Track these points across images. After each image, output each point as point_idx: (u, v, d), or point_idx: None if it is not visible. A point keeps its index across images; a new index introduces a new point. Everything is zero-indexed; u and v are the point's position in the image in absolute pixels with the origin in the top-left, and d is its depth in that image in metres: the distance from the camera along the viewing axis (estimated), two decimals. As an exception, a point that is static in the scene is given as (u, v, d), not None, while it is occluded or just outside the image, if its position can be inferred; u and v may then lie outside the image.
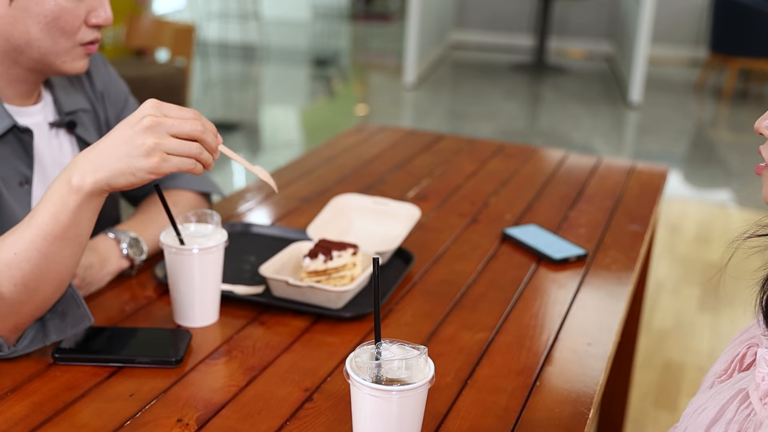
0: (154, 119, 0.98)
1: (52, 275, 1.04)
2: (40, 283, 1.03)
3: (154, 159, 0.98)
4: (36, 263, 1.01)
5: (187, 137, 1.00)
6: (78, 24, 1.19)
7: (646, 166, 2.10)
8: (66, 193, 1.00)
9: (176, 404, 1.00)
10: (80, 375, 1.05)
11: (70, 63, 1.21)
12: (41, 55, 1.18)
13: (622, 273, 1.45)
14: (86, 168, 0.99)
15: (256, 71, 7.63)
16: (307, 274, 1.26)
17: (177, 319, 1.19)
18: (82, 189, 0.99)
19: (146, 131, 0.98)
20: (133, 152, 0.98)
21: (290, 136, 5.74)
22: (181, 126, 0.99)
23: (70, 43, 1.19)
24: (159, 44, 4.60)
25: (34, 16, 1.14)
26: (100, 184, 0.99)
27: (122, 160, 0.98)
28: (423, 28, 6.90)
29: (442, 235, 1.59)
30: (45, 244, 1.01)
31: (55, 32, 1.17)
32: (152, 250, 1.34)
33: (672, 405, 2.56)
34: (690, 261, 3.64)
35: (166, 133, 0.99)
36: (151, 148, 0.97)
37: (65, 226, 1.01)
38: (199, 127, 1.01)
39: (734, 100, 6.79)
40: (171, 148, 0.99)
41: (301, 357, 1.12)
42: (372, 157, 2.07)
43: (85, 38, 1.21)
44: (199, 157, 1.01)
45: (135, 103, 1.47)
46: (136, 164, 0.98)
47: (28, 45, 1.16)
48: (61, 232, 1.01)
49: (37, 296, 1.04)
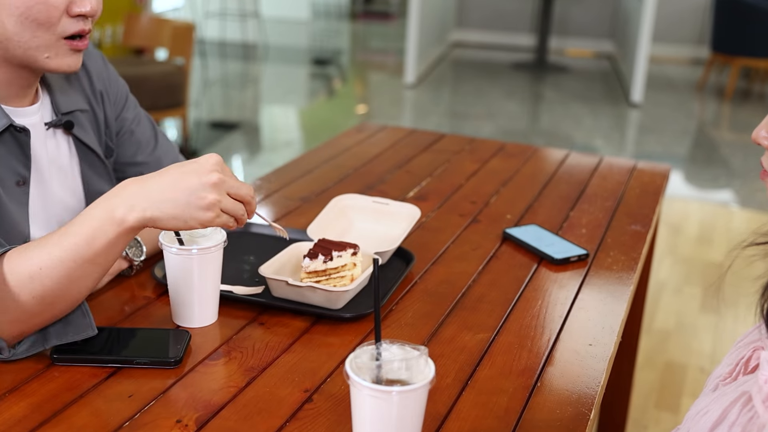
0: (221, 177, 1.03)
1: (71, 295, 1.05)
2: (57, 299, 1.04)
3: (211, 214, 1.03)
4: (58, 281, 1.02)
5: (240, 199, 1.06)
6: (56, 15, 1.13)
7: (647, 165, 2.10)
8: (107, 222, 1.01)
9: (175, 405, 1.00)
10: (79, 375, 1.05)
11: (54, 59, 1.16)
12: (23, 51, 1.14)
13: (624, 273, 1.45)
14: (135, 203, 1.02)
15: (256, 70, 7.63)
16: (306, 274, 1.26)
17: (176, 319, 1.20)
18: (125, 223, 1.02)
19: (213, 187, 1.03)
20: (195, 203, 1.02)
21: (290, 135, 5.74)
22: (240, 188, 1.06)
23: (50, 36, 1.14)
24: (158, 43, 4.61)
25: (6, 8, 1.11)
26: (146, 222, 1.02)
27: (179, 207, 1.02)
28: (423, 26, 6.90)
29: (443, 235, 1.59)
30: (73, 266, 1.02)
31: (30, 24, 1.12)
32: (151, 251, 1.34)
33: (673, 406, 2.56)
34: (692, 261, 3.64)
35: (226, 192, 1.04)
36: (212, 203, 1.02)
37: (98, 252, 1.02)
38: (251, 192, 1.07)
39: (736, 100, 6.79)
40: (226, 207, 1.04)
41: (300, 358, 1.13)
42: (372, 157, 2.07)
43: (68, 30, 1.15)
44: (241, 219, 1.07)
45: (135, 102, 1.46)
46: (193, 214, 1.02)
47: (8, 40, 1.13)
48: (93, 257, 1.03)
49: (51, 311, 1.05)
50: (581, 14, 8.53)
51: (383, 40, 9.54)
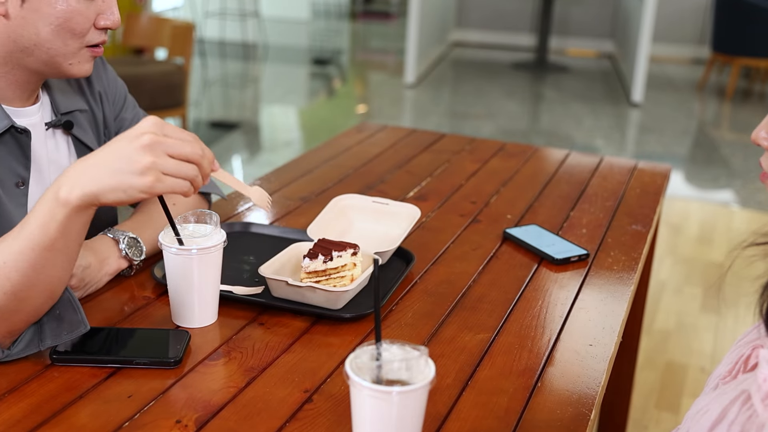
0: (154, 137, 0.97)
1: (42, 285, 1.03)
2: (29, 292, 1.03)
3: (149, 178, 0.96)
4: (24, 273, 1.01)
5: (185, 159, 0.99)
6: (88, 26, 1.18)
7: (648, 165, 2.09)
8: (54, 205, 0.99)
9: (175, 405, 1.00)
10: (78, 376, 1.05)
11: (76, 66, 1.21)
12: (49, 57, 1.18)
13: (624, 273, 1.45)
14: (76, 181, 0.98)
15: (256, 70, 7.63)
16: (306, 274, 1.26)
17: (176, 319, 1.19)
18: (69, 202, 0.98)
19: (144, 149, 0.96)
20: (128, 169, 0.96)
21: (290, 135, 5.74)
22: (182, 147, 0.99)
23: (78, 45, 1.19)
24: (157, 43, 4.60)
25: (45, 17, 1.14)
26: (88, 198, 0.98)
27: (115, 176, 0.97)
28: (424, 26, 6.90)
29: (443, 235, 1.59)
30: (33, 255, 1.00)
31: (65, 34, 1.16)
32: (151, 251, 1.34)
33: (674, 406, 2.56)
34: (692, 261, 3.64)
35: (164, 153, 0.97)
36: (146, 167, 0.96)
37: (53, 237, 1.00)
38: (198, 150, 1.00)
39: (737, 100, 6.80)
40: (167, 169, 0.97)
41: (300, 358, 1.12)
42: (372, 157, 2.07)
43: (93, 40, 1.21)
44: (194, 180, 1.00)
45: (134, 102, 1.47)
46: (129, 182, 0.96)
47: (37, 47, 1.16)
48: (50, 243, 1.00)
49: (27, 305, 1.04)
50: (581, 14, 8.54)
51: (383, 39, 9.54)
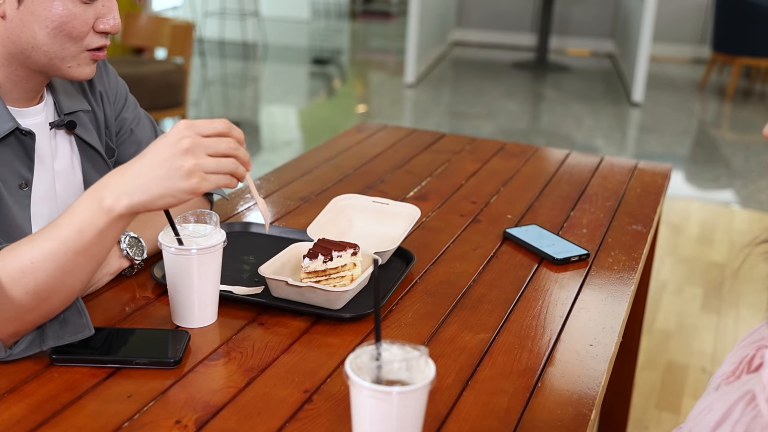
0: (191, 140, 1.01)
1: (66, 288, 1.05)
2: (51, 294, 1.04)
3: (195, 180, 1.01)
4: (51, 275, 1.02)
5: (223, 155, 1.03)
6: (86, 30, 1.18)
7: (648, 165, 2.10)
8: (96, 212, 1.01)
9: (175, 405, 1.00)
10: (78, 376, 1.05)
11: (76, 68, 1.21)
12: (48, 59, 1.18)
13: (625, 273, 1.45)
14: (121, 190, 1.01)
15: (255, 69, 7.63)
16: (306, 274, 1.26)
17: (175, 319, 1.20)
18: (114, 210, 1.01)
19: (185, 153, 1.00)
20: (173, 174, 1.00)
21: (289, 135, 5.74)
22: (218, 145, 1.03)
23: (77, 49, 1.19)
24: (157, 42, 4.60)
25: (41, 20, 1.14)
26: (135, 207, 1.01)
27: (161, 183, 1.00)
28: (424, 26, 6.91)
29: (443, 235, 1.59)
30: (65, 258, 1.02)
31: (62, 37, 1.16)
32: (153, 250, 1.34)
33: (675, 406, 2.56)
34: (693, 261, 3.64)
35: (204, 153, 1.02)
36: (190, 170, 1.00)
37: (89, 243, 1.02)
38: (233, 144, 1.05)
39: (737, 99, 6.80)
40: (209, 167, 1.02)
41: (300, 358, 1.13)
42: (372, 157, 2.07)
43: (93, 44, 1.20)
44: (235, 172, 1.04)
45: (135, 102, 1.47)
46: (177, 186, 1.00)
47: (35, 49, 1.16)
48: (84, 248, 1.02)
49: (46, 306, 1.05)
50: (582, 13, 8.54)
51: (383, 39, 9.54)
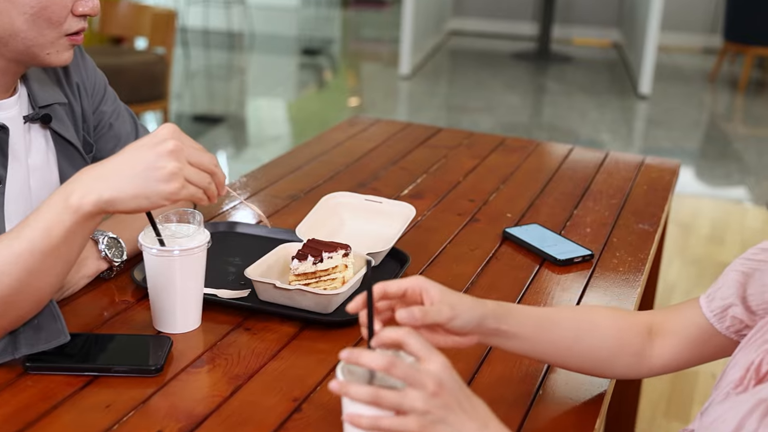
0: (177, 143, 1.01)
1: (33, 291, 1.04)
2: (18, 298, 1.03)
3: (175, 185, 1.00)
4: (17, 278, 1.02)
5: (203, 168, 1.04)
6: (65, 14, 1.18)
7: (656, 161, 2.10)
8: (63, 210, 1.00)
9: (156, 415, 1.00)
10: (53, 385, 1.05)
11: (55, 55, 1.21)
12: (26, 47, 1.18)
13: (631, 275, 1.46)
14: (91, 186, 1.00)
15: (241, 60, 7.63)
16: (295, 276, 1.26)
17: (157, 324, 1.20)
18: (81, 208, 1.00)
19: (170, 155, 1.00)
20: (153, 176, 1.00)
21: (278, 130, 5.74)
22: (200, 156, 1.03)
23: (56, 34, 1.19)
24: (137, 31, 4.60)
25: (19, 6, 1.14)
26: (103, 205, 1.00)
27: (137, 183, 1.00)
28: (419, 14, 6.91)
29: (439, 235, 1.59)
30: (31, 260, 1.01)
31: (41, 23, 1.16)
32: (132, 251, 1.34)
33: (684, 415, 2.57)
34: (703, 262, 3.65)
35: (186, 161, 1.02)
36: (173, 173, 1.00)
37: (56, 244, 1.01)
38: (215, 160, 1.05)
39: (750, 91, 6.82)
40: (190, 177, 1.02)
41: (288, 365, 1.13)
42: (365, 152, 2.08)
43: (71, 28, 1.21)
44: (208, 189, 1.05)
45: (114, 94, 1.47)
46: (154, 188, 1.00)
47: (12, 36, 1.16)
48: (51, 249, 1.02)
49: (13, 312, 1.04)
50: (586, 1, 8.55)
51: (377, 28, 9.54)
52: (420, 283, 0.94)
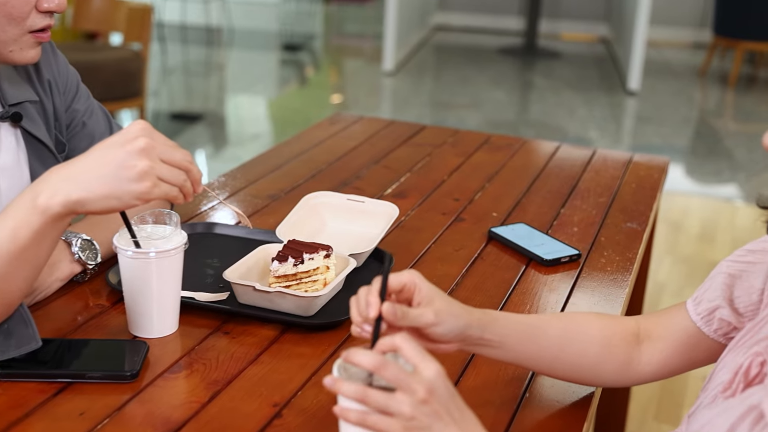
0: (148, 141, 1.00)
1: (1, 296, 1.03)
2: None
3: (146, 184, 0.99)
4: None
5: (177, 166, 1.02)
6: (27, 9, 1.17)
7: (645, 158, 2.11)
8: (30, 211, 0.99)
9: (132, 423, 1.00)
10: (25, 392, 1.04)
11: (19, 52, 1.20)
12: None
13: (619, 275, 1.46)
14: (59, 187, 0.99)
15: (220, 56, 7.61)
16: (275, 278, 1.26)
17: (132, 329, 1.19)
18: (49, 209, 0.99)
19: (141, 153, 0.99)
20: (123, 175, 0.98)
21: (258, 128, 5.73)
22: (173, 153, 1.02)
23: (19, 31, 1.18)
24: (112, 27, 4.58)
25: None
26: (72, 205, 0.99)
27: (107, 182, 0.98)
28: (403, 9, 6.91)
29: (424, 235, 1.59)
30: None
31: (1, 20, 1.15)
32: (107, 254, 1.33)
33: (674, 418, 2.58)
34: (693, 261, 3.68)
35: (159, 159, 1.00)
36: (144, 171, 0.99)
37: (24, 246, 1.00)
38: (188, 157, 1.04)
39: (741, 87, 6.86)
40: (162, 175, 1.01)
41: (269, 369, 1.12)
42: (347, 151, 2.07)
43: (36, 25, 1.20)
44: (183, 186, 1.03)
45: (87, 92, 1.46)
46: (125, 188, 0.99)
47: None
48: (18, 252, 1.01)
49: None
50: (573, -5, 8.58)
51: (359, 23, 9.54)
52: (414, 279, 0.94)
